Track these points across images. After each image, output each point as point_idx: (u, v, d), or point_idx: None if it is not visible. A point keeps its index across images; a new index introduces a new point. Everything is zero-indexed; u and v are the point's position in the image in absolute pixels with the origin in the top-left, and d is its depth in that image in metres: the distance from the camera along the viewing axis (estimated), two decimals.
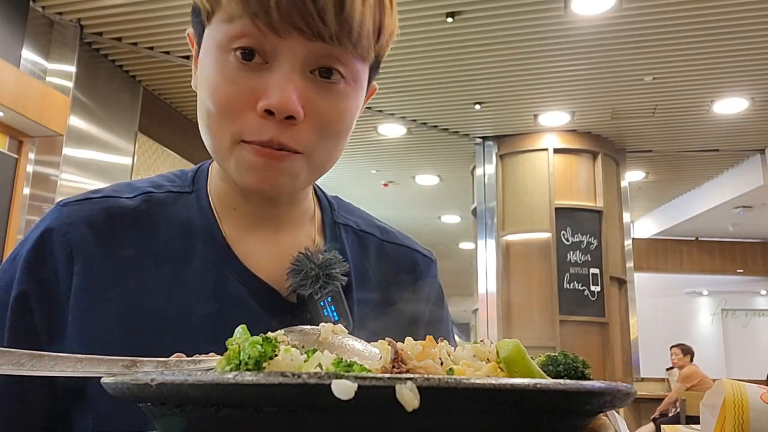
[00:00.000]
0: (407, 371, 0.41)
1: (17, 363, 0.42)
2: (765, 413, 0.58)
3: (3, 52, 4.31)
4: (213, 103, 0.70)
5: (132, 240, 0.76)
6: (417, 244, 0.95)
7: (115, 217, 0.77)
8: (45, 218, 0.77)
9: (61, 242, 0.74)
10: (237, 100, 0.69)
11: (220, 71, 0.69)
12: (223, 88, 0.69)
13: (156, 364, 0.49)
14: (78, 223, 0.75)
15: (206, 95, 0.71)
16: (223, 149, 0.72)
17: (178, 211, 0.79)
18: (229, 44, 0.68)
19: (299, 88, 0.68)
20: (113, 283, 0.73)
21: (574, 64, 5.21)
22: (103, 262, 0.74)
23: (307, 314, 0.76)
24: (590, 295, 6.31)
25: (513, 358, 0.44)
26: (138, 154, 5.63)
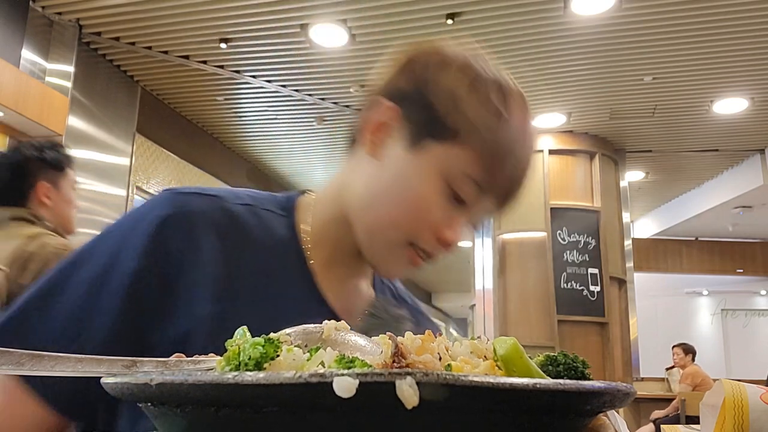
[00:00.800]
0: (406, 366, 0.41)
1: (17, 363, 0.42)
2: (765, 413, 0.58)
3: (3, 52, 4.31)
4: (411, 210, 0.80)
5: (240, 246, 0.82)
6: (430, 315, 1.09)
7: (228, 218, 0.82)
8: (157, 202, 0.81)
9: (179, 225, 0.78)
10: (431, 221, 0.80)
11: (434, 192, 0.79)
12: (429, 207, 0.80)
13: (156, 364, 0.49)
14: (196, 214, 0.80)
15: (407, 197, 0.80)
16: (388, 241, 0.82)
17: (275, 231, 0.86)
18: (454, 185, 0.79)
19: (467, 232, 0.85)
20: (217, 282, 0.78)
21: (574, 65, 5.21)
22: (216, 257, 0.79)
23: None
24: (589, 295, 6.30)
25: (510, 356, 0.44)
26: (136, 155, 5.63)
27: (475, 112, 0.78)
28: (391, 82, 0.84)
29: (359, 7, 4.43)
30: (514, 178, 0.82)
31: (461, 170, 0.78)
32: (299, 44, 4.92)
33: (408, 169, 0.80)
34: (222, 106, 6.13)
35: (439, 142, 0.78)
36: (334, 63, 5.18)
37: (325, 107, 5.95)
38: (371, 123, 0.84)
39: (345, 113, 6.08)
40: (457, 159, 0.78)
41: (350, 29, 4.70)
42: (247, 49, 5.04)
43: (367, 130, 0.85)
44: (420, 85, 0.81)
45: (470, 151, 0.78)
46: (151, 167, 5.86)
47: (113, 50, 5.16)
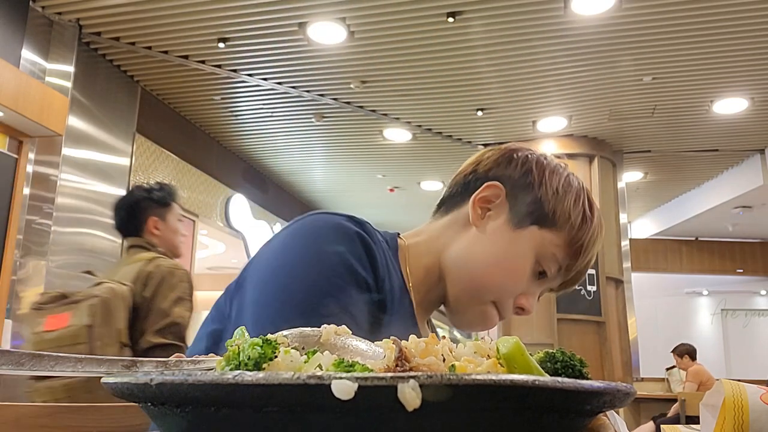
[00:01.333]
0: (410, 369, 0.41)
1: (17, 363, 0.42)
2: (765, 413, 0.58)
3: (3, 52, 4.31)
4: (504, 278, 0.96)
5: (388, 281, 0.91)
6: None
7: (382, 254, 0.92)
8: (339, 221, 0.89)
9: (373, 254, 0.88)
10: (516, 288, 0.96)
11: (525, 266, 0.96)
12: (518, 277, 0.96)
13: (156, 364, 0.49)
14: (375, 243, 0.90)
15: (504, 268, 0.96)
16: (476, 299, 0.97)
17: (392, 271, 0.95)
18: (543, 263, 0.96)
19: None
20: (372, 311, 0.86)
21: (574, 65, 5.21)
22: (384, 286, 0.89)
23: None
24: (586, 294, 6.32)
25: (512, 354, 0.44)
26: (136, 155, 5.63)
27: (570, 209, 0.97)
28: (498, 168, 1.01)
29: (358, 6, 4.43)
30: (584, 267, 1.00)
31: (552, 252, 0.96)
32: (297, 42, 4.92)
33: (510, 244, 0.96)
34: (219, 106, 6.13)
35: (540, 227, 0.96)
36: (333, 60, 5.18)
37: (324, 104, 5.95)
38: (479, 198, 1.00)
39: (344, 110, 6.08)
40: (551, 243, 0.96)
41: (349, 27, 4.70)
42: (245, 48, 5.04)
43: (473, 203, 1.00)
44: (528, 176, 0.99)
45: (563, 238, 0.96)
46: (151, 167, 5.86)
47: (113, 50, 5.16)
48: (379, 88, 5.65)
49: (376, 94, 5.77)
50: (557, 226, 0.96)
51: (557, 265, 0.96)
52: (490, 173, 1.00)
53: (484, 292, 0.96)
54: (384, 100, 5.87)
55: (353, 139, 6.84)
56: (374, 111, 6.10)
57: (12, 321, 4.29)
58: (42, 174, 4.62)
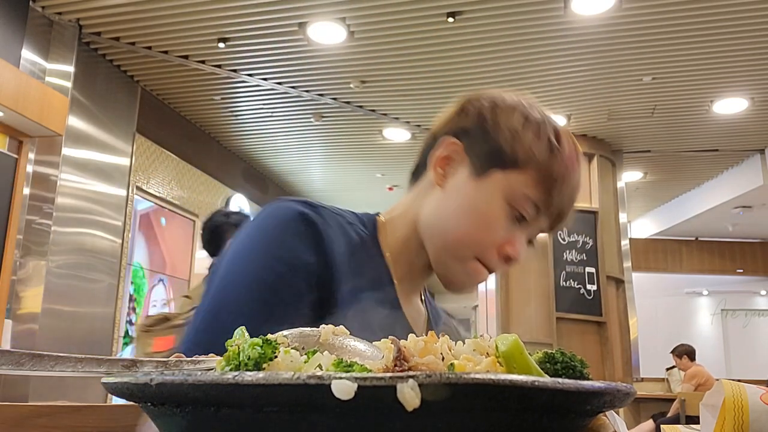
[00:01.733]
0: (410, 368, 0.41)
1: (17, 363, 0.42)
2: (765, 414, 0.58)
3: (3, 52, 4.31)
4: (479, 229, 0.92)
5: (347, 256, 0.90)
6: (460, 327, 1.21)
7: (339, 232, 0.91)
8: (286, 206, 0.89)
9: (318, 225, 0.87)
10: (495, 239, 0.92)
11: (499, 213, 0.92)
12: (493, 226, 0.92)
13: (156, 364, 0.49)
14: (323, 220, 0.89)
15: (475, 219, 0.92)
16: (457, 256, 0.94)
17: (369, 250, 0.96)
18: (516, 205, 0.91)
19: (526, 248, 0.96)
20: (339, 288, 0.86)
21: (573, 65, 5.20)
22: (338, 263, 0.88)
23: None
24: (586, 293, 6.32)
25: (511, 353, 0.44)
26: (136, 155, 5.63)
27: (531, 145, 0.92)
28: (453, 122, 0.98)
29: (358, 6, 4.43)
30: (566, 200, 0.94)
31: (522, 192, 0.91)
32: (297, 42, 4.92)
33: (475, 194, 0.93)
34: (219, 106, 6.13)
35: (503, 170, 0.92)
36: (333, 60, 5.18)
37: (323, 103, 5.94)
38: (437, 158, 0.97)
39: (344, 109, 6.08)
40: (519, 183, 0.91)
41: (349, 27, 4.70)
42: (245, 49, 5.04)
43: (433, 164, 0.98)
44: (481, 123, 0.95)
45: (530, 176, 0.91)
46: (151, 167, 5.86)
47: (113, 50, 5.16)
48: (378, 88, 5.65)
49: (375, 94, 5.77)
50: (520, 165, 0.91)
51: (533, 205, 0.92)
52: (446, 130, 0.98)
53: (462, 248, 0.93)
54: (383, 99, 5.87)
55: (352, 138, 6.84)
56: (373, 111, 6.10)
57: (12, 321, 4.29)
58: (42, 174, 4.62)
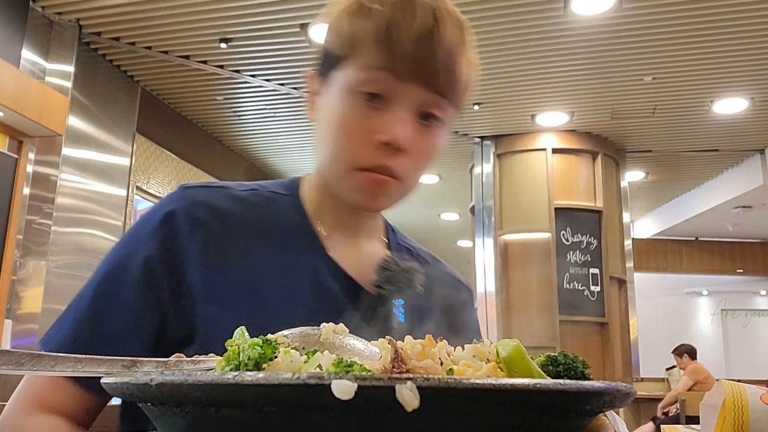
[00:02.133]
0: (407, 371, 0.41)
1: (17, 363, 0.42)
2: (765, 414, 0.58)
3: (3, 52, 4.31)
4: (339, 135, 0.85)
5: (243, 224, 0.88)
6: (459, 275, 1.11)
7: (229, 203, 0.89)
8: (169, 198, 0.88)
9: (185, 217, 0.84)
10: (359, 134, 0.84)
11: (348, 108, 0.84)
12: (349, 123, 0.84)
13: (156, 364, 0.49)
14: (199, 204, 0.86)
15: (333, 128, 0.86)
16: (340, 174, 0.87)
17: (279, 208, 0.93)
18: (359, 88, 0.83)
19: (410, 127, 0.84)
20: (227, 259, 0.84)
21: (574, 64, 5.20)
22: (219, 239, 0.85)
23: (382, 309, 0.88)
24: (590, 295, 6.30)
25: (513, 358, 0.44)
26: (136, 155, 5.63)
27: (347, 22, 0.84)
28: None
29: None
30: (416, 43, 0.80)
31: (356, 71, 0.83)
32: (299, 43, 4.92)
33: (325, 108, 0.88)
34: (221, 106, 6.13)
35: (337, 68, 0.85)
36: None
37: None
38: (307, 93, 0.94)
39: None
40: (353, 67, 0.83)
41: None
42: (247, 49, 5.04)
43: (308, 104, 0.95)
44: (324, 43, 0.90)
45: (357, 54, 0.82)
46: (152, 167, 5.86)
47: (113, 50, 5.16)
48: None
49: None
50: (346, 51, 0.84)
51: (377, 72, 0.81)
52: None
53: (337, 165, 0.86)
54: None
55: None
56: None
57: (12, 321, 4.29)
58: (42, 174, 4.62)
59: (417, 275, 0.91)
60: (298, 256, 0.88)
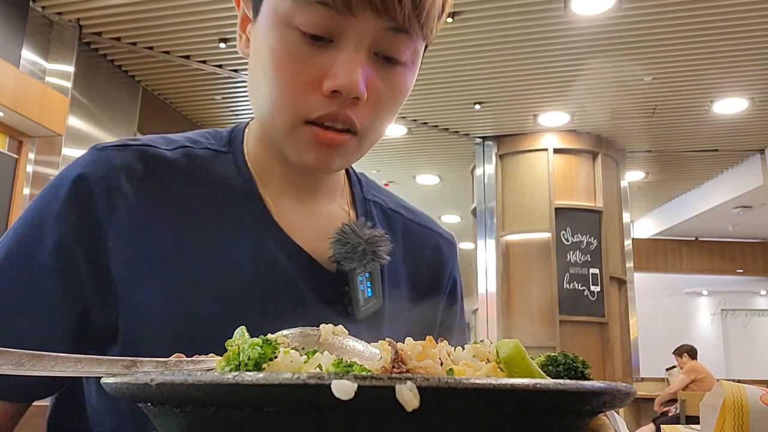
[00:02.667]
0: (407, 371, 0.41)
1: (17, 363, 0.42)
2: (765, 414, 0.58)
3: (3, 52, 4.31)
4: (278, 80, 0.69)
5: (172, 192, 0.74)
6: (439, 226, 0.97)
7: (155, 167, 0.74)
8: (79, 161, 0.73)
9: (101, 185, 0.71)
10: (303, 79, 0.68)
11: (285, 47, 0.68)
12: (289, 66, 0.68)
13: (156, 364, 0.49)
14: (117, 169, 0.72)
15: (269, 70, 0.69)
16: (284, 128, 0.71)
17: (217, 169, 0.78)
18: (297, 25, 0.67)
19: (365, 69, 0.68)
20: (154, 234, 0.71)
21: (574, 64, 5.21)
22: (143, 211, 0.72)
23: (344, 286, 0.77)
24: (590, 295, 6.30)
25: (513, 358, 0.44)
26: None
27: None
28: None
29: None
30: None
31: (290, 1, 0.66)
32: None
33: (258, 42, 0.71)
34: (220, 105, 6.14)
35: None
36: None
37: None
38: (238, 25, 0.79)
39: None
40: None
41: None
42: None
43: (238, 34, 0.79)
44: None
45: None
46: None
47: (114, 50, 5.17)
48: None
49: None
50: None
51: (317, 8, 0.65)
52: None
53: (281, 115, 0.70)
54: None
55: None
56: None
57: None
58: (42, 174, 4.62)
59: (382, 245, 0.78)
60: (240, 225, 0.75)
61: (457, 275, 0.96)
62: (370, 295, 0.78)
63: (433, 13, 0.69)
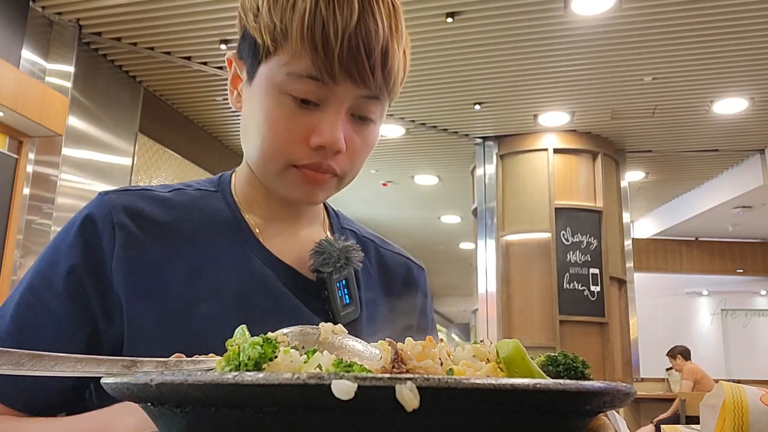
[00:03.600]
0: (407, 371, 0.41)
1: (17, 363, 0.42)
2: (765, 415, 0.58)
3: (3, 52, 4.31)
4: (270, 135, 0.81)
5: (165, 223, 0.85)
6: (409, 254, 1.08)
7: (150, 203, 0.86)
8: (87, 205, 0.85)
9: (104, 222, 0.82)
10: (293, 135, 0.81)
11: (278, 107, 0.80)
12: (281, 124, 0.81)
13: (156, 364, 0.49)
14: (118, 208, 0.83)
15: (263, 127, 0.82)
16: (274, 171, 0.84)
17: (207, 204, 0.90)
18: (289, 92, 0.79)
19: (345, 127, 0.81)
20: (149, 260, 0.81)
21: (574, 64, 5.21)
22: (140, 240, 0.82)
23: (324, 292, 0.86)
24: (590, 295, 6.30)
25: (513, 358, 0.44)
26: (138, 155, 5.63)
27: (270, 17, 0.79)
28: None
29: None
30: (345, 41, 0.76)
31: (285, 73, 0.78)
32: None
33: (254, 102, 0.83)
34: (221, 106, 6.14)
35: (265, 62, 0.81)
36: None
37: None
38: (229, 82, 0.90)
39: None
40: (278, 66, 0.79)
41: None
42: None
43: (229, 90, 0.91)
44: (240, 23, 0.86)
45: (283, 51, 0.78)
46: (153, 167, 5.87)
47: (114, 50, 5.17)
48: None
49: None
50: (273, 45, 0.79)
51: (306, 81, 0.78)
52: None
53: (269, 162, 0.83)
54: None
55: None
56: None
57: None
58: (42, 174, 4.63)
59: (354, 252, 0.89)
60: (230, 249, 0.86)
61: (429, 301, 1.06)
62: (348, 302, 0.88)
63: (399, 79, 0.84)
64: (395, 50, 0.81)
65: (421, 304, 1.02)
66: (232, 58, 0.89)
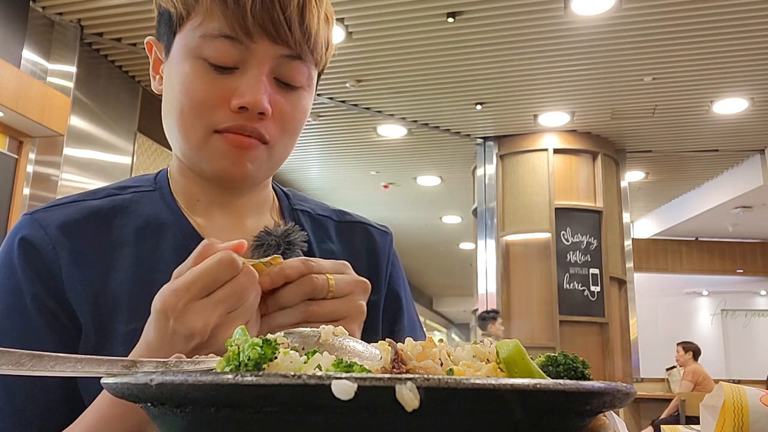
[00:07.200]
0: (407, 371, 0.41)
1: (17, 363, 0.42)
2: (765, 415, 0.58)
3: (3, 52, 4.32)
4: (188, 101, 0.77)
5: (103, 233, 0.81)
6: (371, 221, 1.01)
7: (86, 216, 0.82)
8: (14, 230, 0.81)
9: (41, 243, 0.78)
10: (212, 98, 0.76)
11: (194, 73, 0.77)
12: (199, 88, 0.76)
13: (156, 364, 0.49)
14: (51, 228, 0.80)
15: (180, 95, 0.78)
16: (196, 140, 0.78)
17: (145, 206, 0.85)
18: (204, 56, 0.76)
19: (268, 89, 0.77)
20: (92, 272, 0.79)
21: (574, 64, 5.21)
22: (80, 254, 0.79)
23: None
24: (590, 295, 6.31)
25: (513, 358, 0.44)
26: (137, 154, 5.64)
27: None
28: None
29: (358, 6, 4.43)
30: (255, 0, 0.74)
31: (200, 36, 0.76)
32: None
33: (171, 76, 0.80)
34: None
35: (178, 32, 0.78)
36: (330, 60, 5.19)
37: (320, 103, 5.95)
38: (151, 67, 0.86)
39: (339, 108, 6.09)
40: (192, 30, 0.76)
41: (347, 27, 4.70)
42: None
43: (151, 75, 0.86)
44: (157, 5, 0.82)
45: (196, 14, 0.76)
46: (153, 166, 5.87)
47: (115, 51, 5.17)
48: (374, 86, 5.66)
49: (370, 92, 5.78)
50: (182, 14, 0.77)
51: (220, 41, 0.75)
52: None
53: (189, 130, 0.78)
54: (378, 97, 5.87)
55: (348, 136, 6.85)
56: (368, 108, 6.11)
57: None
58: (42, 174, 4.63)
59: (295, 234, 0.83)
60: (173, 251, 0.81)
61: (397, 263, 0.99)
62: None
63: (320, 41, 0.80)
64: (313, 7, 0.77)
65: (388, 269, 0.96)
66: (152, 41, 0.85)
